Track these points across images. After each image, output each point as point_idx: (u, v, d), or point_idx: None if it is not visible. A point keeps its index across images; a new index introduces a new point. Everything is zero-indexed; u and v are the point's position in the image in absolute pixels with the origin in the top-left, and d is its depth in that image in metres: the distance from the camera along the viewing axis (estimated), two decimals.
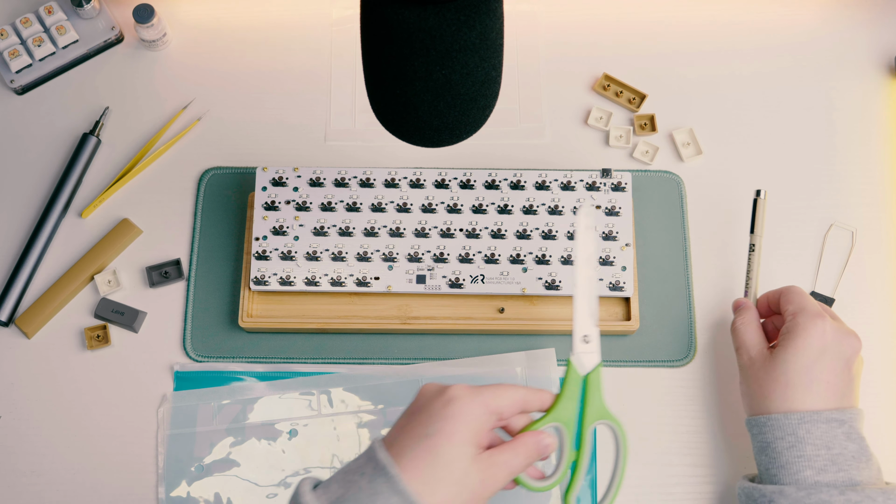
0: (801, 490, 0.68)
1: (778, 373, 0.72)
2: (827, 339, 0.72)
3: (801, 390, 0.71)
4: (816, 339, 0.72)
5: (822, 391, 0.71)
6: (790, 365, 0.71)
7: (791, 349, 0.72)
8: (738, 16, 0.95)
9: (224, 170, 0.90)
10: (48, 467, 0.82)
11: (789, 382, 0.71)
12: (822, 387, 0.71)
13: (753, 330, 0.77)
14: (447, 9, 0.56)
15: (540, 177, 0.85)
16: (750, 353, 0.75)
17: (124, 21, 0.95)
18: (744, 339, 0.76)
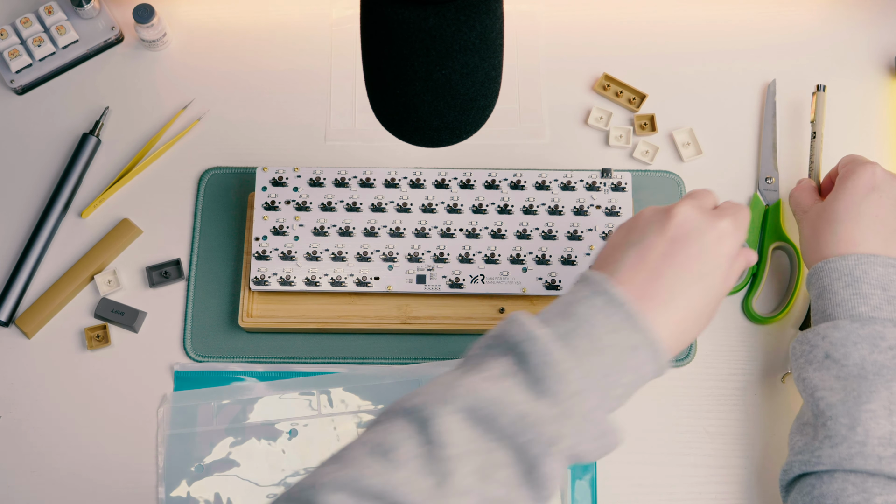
0: (855, 321, 0.69)
1: (828, 212, 0.74)
2: (877, 179, 0.74)
3: (849, 225, 0.73)
4: (865, 179, 0.74)
5: (871, 225, 0.73)
6: (839, 203, 0.74)
7: (840, 189, 0.74)
8: (738, 16, 0.95)
9: (224, 170, 0.90)
10: (48, 467, 0.82)
11: (838, 218, 0.73)
12: (869, 221, 0.73)
13: (809, 192, 0.80)
14: (447, 9, 0.56)
15: (540, 177, 0.85)
16: (805, 209, 0.78)
17: (124, 21, 0.95)
18: (799, 200, 0.80)
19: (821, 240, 0.75)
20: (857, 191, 0.74)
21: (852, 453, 0.66)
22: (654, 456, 0.81)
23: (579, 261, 0.82)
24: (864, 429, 0.66)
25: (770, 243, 0.86)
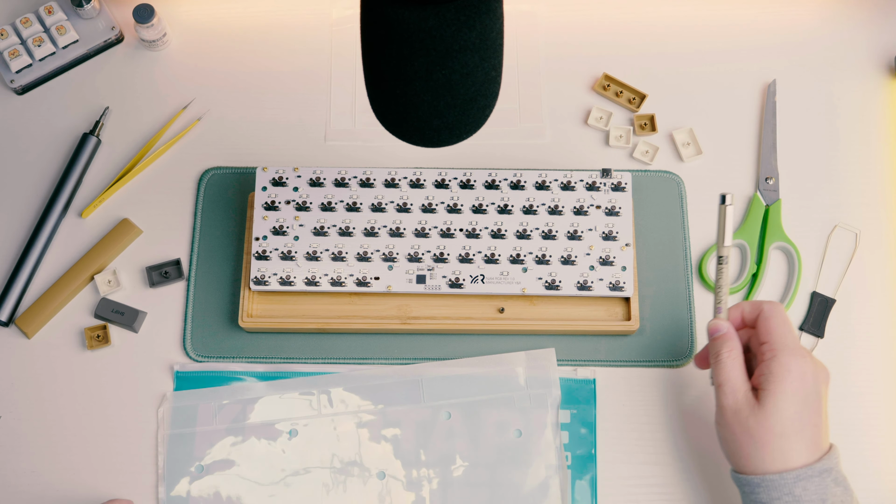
0: None
1: (771, 423, 0.68)
2: (808, 378, 0.69)
3: (795, 441, 0.68)
4: (802, 383, 0.68)
5: (811, 437, 0.69)
6: (783, 413, 0.68)
7: (779, 396, 0.68)
8: (738, 16, 0.95)
9: (224, 170, 0.90)
10: (48, 467, 0.82)
11: (784, 433, 0.68)
12: (810, 432, 0.69)
13: (739, 366, 0.71)
14: (447, 9, 0.56)
15: (540, 177, 0.85)
16: (736, 396, 0.70)
17: (124, 21, 0.95)
18: (729, 375, 0.71)
19: (761, 448, 0.68)
20: (797, 398, 0.68)
21: None
22: (654, 456, 0.81)
23: (579, 261, 0.83)
24: None
25: (770, 243, 0.86)
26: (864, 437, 0.82)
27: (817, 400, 0.69)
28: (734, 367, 0.71)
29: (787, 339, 0.70)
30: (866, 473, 0.81)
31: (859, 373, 0.83)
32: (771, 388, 0.68)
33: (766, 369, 0.69)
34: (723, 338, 0.73)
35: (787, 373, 0.68)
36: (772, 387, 0.68)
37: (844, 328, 0.85)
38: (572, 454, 0.80)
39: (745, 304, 0.75)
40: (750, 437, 0.69)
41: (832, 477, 0.68)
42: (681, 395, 0.83)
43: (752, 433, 0.69)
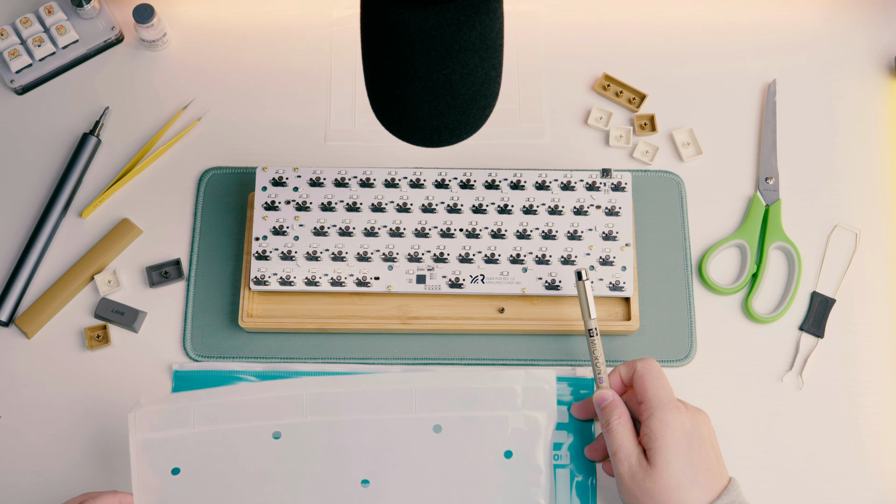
0: None
1: (665, 479, 0.70)
2: (687, 427, 0.71)
3: (691, 489, 0.70)
4: (683, 434, 0.71)
5: (706, 481, 0.70)
6: (673, 467, 0.70)
7: (666, 452, 0.70)
8: (738, 16, 0.95)
9: (224, 170, 0.90)
10: (48, 467, 0.82)
11: (679, 484, 0.70)
12: (704, 477, 0.70)
13: (629, 431, 0.73)
14: (447, 9, 0.56)
15: (540, 177, 0.85)
16: (630, 461, 0.72)
17: (124, 21, 0.95)
18: (622, 442, 0.73)
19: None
20: (681, 448, 0.70)
21: None
22: None
23: (579, 261, 0.83)
24: None
25: (770, 243, 0.86)
26: (864, 437, 0.82)
27: (702, 445, 0.71)
28: (625, 434, 0.73)
29: (661, 394, 0.72)
30: (866, 473, 0.81)
31: (859, 373, 0.83)
32: (656, 445, 0.71)
33: (647, 429, 0.72)
34: (609, 406, 0.75)
35: (666, 427, 0.71)
36: (656, 444, 0.71)
37: (844, 328, 0.85)
38: (571, 454, 0.80)
39: (621, 367, 0.76)
40: (650, 498, 0.70)
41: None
42: (681, 395, 0.83)
43: (651, 493, 0.70)
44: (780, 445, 0.81)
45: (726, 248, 0.87)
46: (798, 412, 0.82)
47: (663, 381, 0.73)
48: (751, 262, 0.86)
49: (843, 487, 0.80)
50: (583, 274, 0.77)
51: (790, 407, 0.82)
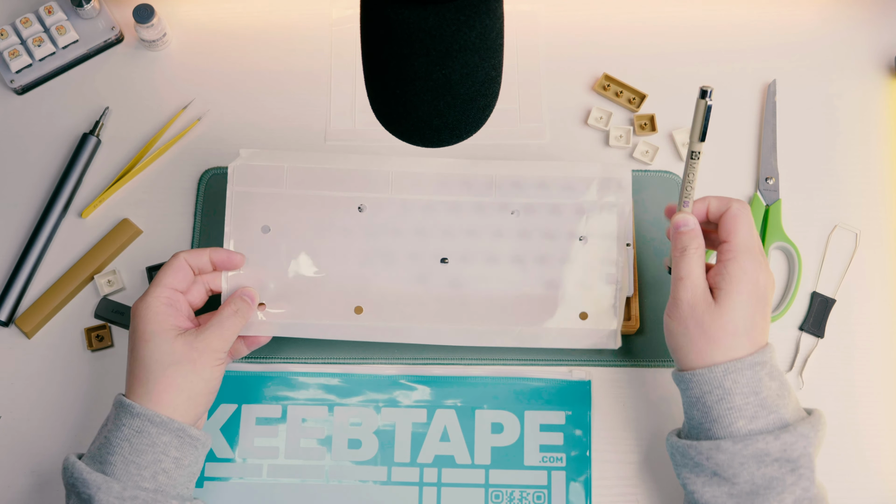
0: (738, 443, 0.68)
1: (725, 321, 0.70)
2: (762, 283, 0.71)
3: (742, 337, 0.70)
4: (756, 287, 0.70)
5: (755, 335, 0.71)
6: (737, 314, 0.70)
7: (735, 297, 0.70)
8: (738, 16, 0.95)
9: (224, 170, 0.90)
10: (48, 467, 0.82)
11: (736, 332, 0.70)
12: (756, 331, 0.71)
13: (702, 263, 0.73)
14: (447, 9, 0.56)
15: (540, 175, 0.85)
16: (696, 291, 0.71)
17: (124, 21, 0.95)
18: (692, 270, 0.72)
19: (713, 342, 0.70)
20: (753, 299, 0.70)
21: None
22: (651, 456, 0.81)
23: (579, 260, 0.82)
24: None
25: (770, 243, 0.86)
26: (864, 437, 0.82)
27: (766, 304, 0.72)
28: (698, 264, 0.72)
29: (750, 241, 0.72)
30: (866, 473, 0.81)
31: (859, 373, 0.84)
32: (729, 287, 0.70)
33: (723, 269, 0.71)
34: (691, 233, 0.73)
35: (745, 274, 0.70)
36: (730, 287, 0.70)
37: (844, 328, 0.85)
38: (566, 455, 0.80)
39: (713, 200, 0.75)
40: (703, 333, 0.70)
41: (766, 371, 0.70)
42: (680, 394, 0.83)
43: (706, 329, 0.70)
44: None
45: None
46: None
47: (754, 230, 0.73)
48: None
49: (843, 488, 0.80)
50: (709, 94, 0.71)
51: None
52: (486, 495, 0.79)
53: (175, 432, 0.71)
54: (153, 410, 0.70)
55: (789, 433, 0.68)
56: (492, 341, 0.82)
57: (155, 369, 0.72)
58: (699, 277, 0.72)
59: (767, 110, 0.91)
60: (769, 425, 0.68)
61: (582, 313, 0.81)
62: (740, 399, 0.69)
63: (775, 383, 0.70)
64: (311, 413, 0.82)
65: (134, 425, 0.70)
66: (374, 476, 0.80)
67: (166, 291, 0.75)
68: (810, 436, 0.68)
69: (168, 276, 0.75)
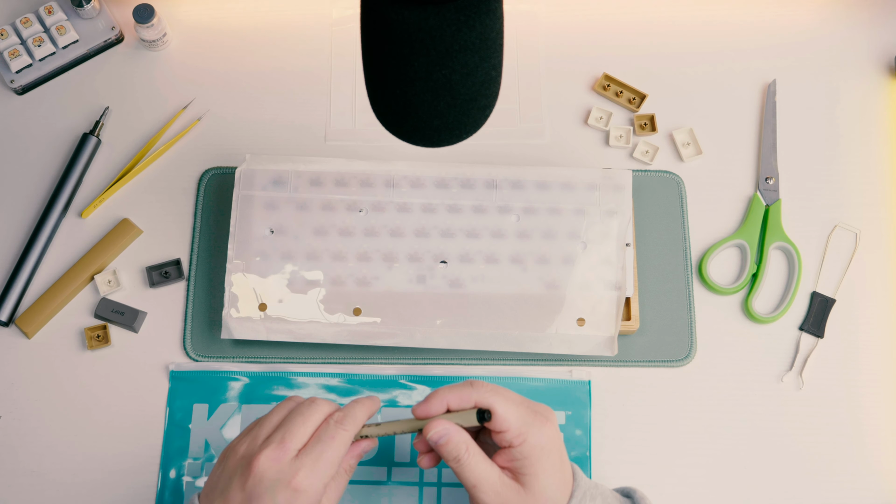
0: None
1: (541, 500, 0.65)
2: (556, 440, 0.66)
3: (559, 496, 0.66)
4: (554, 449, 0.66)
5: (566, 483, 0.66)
6: (549, 488, 0.65)
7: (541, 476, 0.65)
8: (738, 16, 0.95)
9: (224, 170, 0.90)
10: (48, 467, 0.82)
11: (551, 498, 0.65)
12: (565, 481, 0.66)
13: (483, 459, 0.65)
14: (447, 9, 0.56)
15: (540, 177, 0.85)
16: (496, 490, 0.65)
17: (124, 21, 0.95)
18: (481, 475, 0.65)
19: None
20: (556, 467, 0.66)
21: None
22: (653, 456, 0.81)
23: (579, 261, 0.82)
24: None
25: (770, 243, 0.86)
26: (864, 437, 0.82)
27: (562, 455, 0.67)
28: (479, 463, 0.65)
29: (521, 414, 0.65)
30: (866, 473, 0.81)
31: (859, 373, 0.84)
32: (532, 471, 0.65)
33: (520, 454, 0.65)
34: (452, 441, 0.65)
35: (542, 450, 0.65)
36: (532, 470, 0.65)
37: (844, 328, 0.85)
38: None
39: (449, 395, 0.67)
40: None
41: (588, 499, 0.67)
42: (681, 394, 0.83)
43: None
44: (780, 445, 0.81)
45: (726, 248, 0.87)
46: (798, 412, 0.82)
47: (509, 395, 0.66)
48: (751, 262, 0.86)
49: (843, 487, 0.80)
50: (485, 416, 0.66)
51: (790, 407, 0.82)
52: None
53: None
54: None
55: None
56: (489, 345, 0.82)
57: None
58: (492, 476, 0.65)
59: (767, 110, 0.91)
60: None
61: (579, 319, 0.81)
62: None
63: (597, 501, 0.67)
64: None
65: None
66: (373, 476, 0.80)
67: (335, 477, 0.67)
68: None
69: None
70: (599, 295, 0.82)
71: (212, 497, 0.65)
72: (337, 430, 0.65)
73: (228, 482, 0.64)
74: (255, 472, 0.63)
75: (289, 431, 0.64)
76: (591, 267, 0.82)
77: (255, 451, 0.64)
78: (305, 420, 0.65)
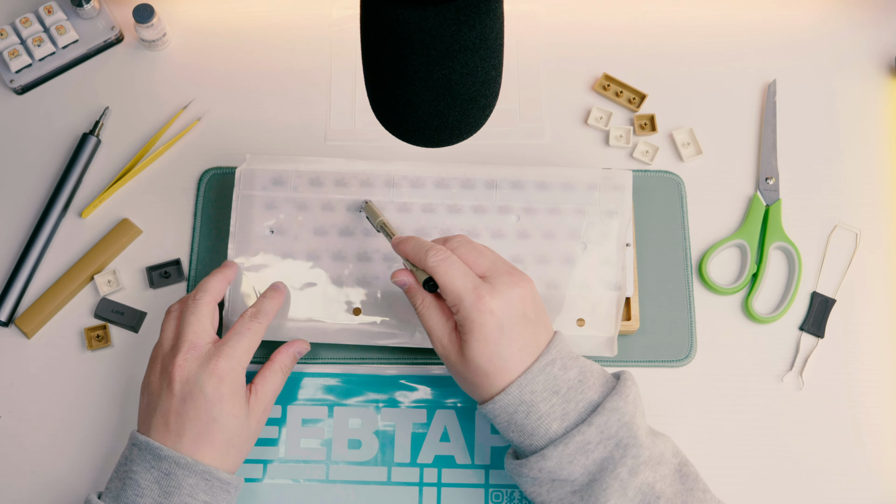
0: (559, 445, 0.67)
1: (474, 368, 0.69)
2: (497, 315, 0.68)
3: (501, 373, 0.68)
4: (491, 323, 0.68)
5: (520, 358, 0.69)
6: (480, 359, 0.68)
7: (473, 346, 0.69)
8: (738, 16, 0.95)
9: (224, 170, 0.90)
10: (48, 467, 0.82)
11: (488, 373, 0.69)
12: (518, 355, 0.69)
13: (436, 313, 0.72)
14: (447, 9, 0.56)
15: (540, 177, 0.85)
16: (443, 343, 0.71)
17: (124, 21, 0.95)
18: (432, 326, 0.72)
19: (478, 387, 0.70)
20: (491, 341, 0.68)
21: None
22: None
23: (579, 261, 0.82)
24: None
25: (770, 243, 0.86)
26: (864, 437, 0.82)
27: (512, 327, 0.69)
28: (433, 316, 0.72)
29: (458, 287, 0.69)
30: (866, 473, 0.81)
31: (860, 373, 0.83)
32: (465, 338, 0.69)
33: (458, 319, 0.70)
34: (410, 290, 0.73)
35: (473, 323, 0.68)
36: (465, 337, 0.69)
37: (845, 328, 0.85)
38: None
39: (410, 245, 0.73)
40: (463, 379, 0.71)
41: (558, 366, 0.69)
42: (681, 394, 0.83)
43: (464, 375, 0.71)
44: (780, 445, 0.81)
45: (726, 248, 0.87)
46: (798, 412, 0.82)
47: (457, 268, 0.70)
48: (751, 262, 0.86)
49: (843, 487, 0.80)
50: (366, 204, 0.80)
51: (790, 407, 0.82)
52: (487, 495, 0.79)
53: (202, 474, 0.70)
54: (179, 453, 0.70)
55: (600, 415, 0.68)
56: None
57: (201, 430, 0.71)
58: (440, 330, 0.71)
59: (767, 110, 0.91)
60: (581, 414, 0.68)
61: (579, 320, 0.81)
62: (545, 405, 0.68)
63: (572, 371, 0.70)
64: (310, 413, 0.82)
65: (162, 468, 0.70)
66: (374, 476, 0.80)
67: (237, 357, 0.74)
68: (621, 407, 0.68)
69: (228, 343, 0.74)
70: (599, 295, 0.82)
71: (148, 422, 0.72)
72: (252, 323, 0.75)
73: (158, 398, 0.73)
74: (177, 375, 0.72)
75: (191, 332, 0.74)
76: (590, 267, 0.82)
77: (170, 362, 0.73)
78: (199, 317, 0.75)
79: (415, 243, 0.73)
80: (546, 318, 0.72)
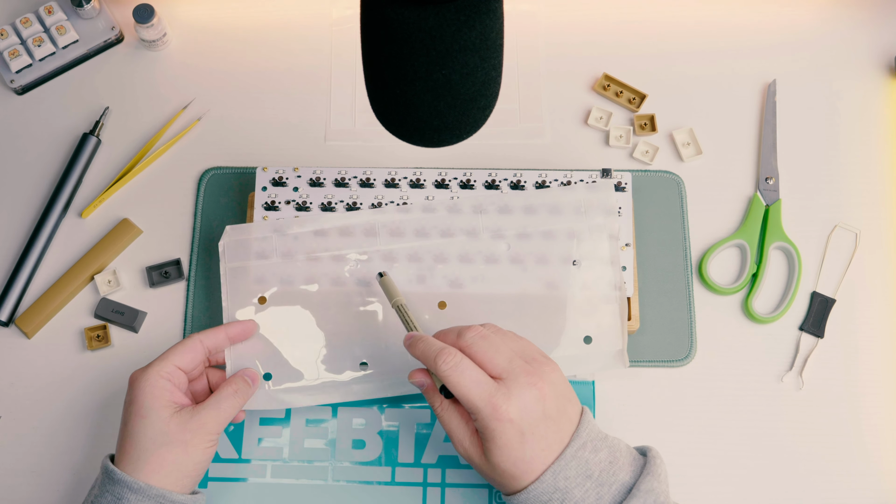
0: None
1: (500, 471, 0.66)
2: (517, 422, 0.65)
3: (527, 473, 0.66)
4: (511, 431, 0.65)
5: (549, 445, 0.66)
6: (506, 464, 0.65)
7: (497, 454, 0.66)
8: (738, 16, 0.95)
9: (224, 170, 0.90)
10: (48, 467, 0.82)
11: (514, 475, 0.66)
12: (543, 453, 0.66)
13: (455, 416, 0.69)
14: (447, 9, 0.56)
15: (540, 177, 0.85)
16: (464, 445, 0.68)
17: (124, 21, 0.95)
18: (451, 428, 0.69)
19: (505, 484, 0.67)
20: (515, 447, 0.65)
21: None
22: None
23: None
24: None
25: (770, 243, 0.86)
26: (864, 437, 0.82)
27: (535, 429, 0.66)
28: (451, 419, 0.69)
29: (472, 397, 0.66)
30: (866, 473, 0.81)
31: (859, 373, 0.84)
32: (487, 446, 0.66)
33: (477, 426, 0.67)
34: (428, 392, 0.71)
35: (493, 433, 0.65)
36: (487, 445, 0.66)
37: (844, 328, 0.85)
38: None
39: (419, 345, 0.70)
40: (490, 478, 0.68)
41: (589, 450, 0.67)
42: (681, 394, 0.83)
43: (490, 475, 0.68)
44: (780, 445, 0.81)
45: (726, 248, 0.87)
46: (798, 412, 0.82)
47: (468, 376, 0.66)
48: (751, 262, 0.86)
49: (844, 487, 0.80)
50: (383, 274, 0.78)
51: (790, 407, 0.82)
52: (490, 495, 0.79)
53: (155, 499, 0.69)
54: (133, 478, 0.69)
55: (636, 497, 0.65)
56: None
57: (147, 447, 0.70)
58: (460, 432, 0.68)
59: (767, 110, 0.91)
60: (615, 497, 0.66)
61: (586, 337, 0.80)
62: (579, 491, 0.65)
63: (602, 453, 0.67)
64: (314, 414, 0.82)
65: (115, 492, 0.69)
66: (377, 477, 0.80)
67: (169, 367, 0.73)
68: (655, 488, 0.66)
69: (177, 354, 0.74)
70: (601, 312, 0.80)
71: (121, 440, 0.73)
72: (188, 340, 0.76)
73: None
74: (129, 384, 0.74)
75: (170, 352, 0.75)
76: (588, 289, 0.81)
77: None
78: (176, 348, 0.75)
79: (424, 346, 0.69)
80: (569, 403, 0.68)
